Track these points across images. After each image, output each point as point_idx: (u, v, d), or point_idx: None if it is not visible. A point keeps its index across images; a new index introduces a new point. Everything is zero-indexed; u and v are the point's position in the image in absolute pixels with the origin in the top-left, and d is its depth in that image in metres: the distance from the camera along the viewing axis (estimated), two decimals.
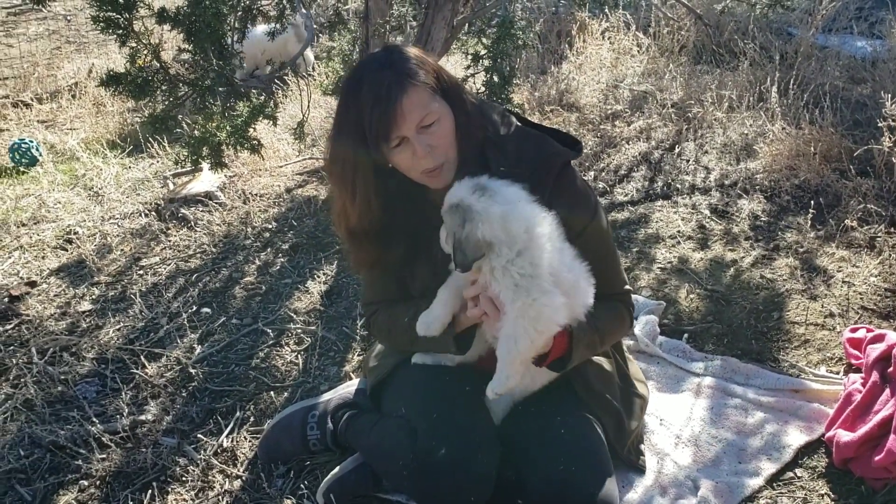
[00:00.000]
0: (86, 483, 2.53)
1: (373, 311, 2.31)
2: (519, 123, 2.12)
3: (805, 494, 2.28)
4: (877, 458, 2.19)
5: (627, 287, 2.20)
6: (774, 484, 2.33)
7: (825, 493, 2.27)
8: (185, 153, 3.41)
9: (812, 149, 3.93)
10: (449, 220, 1.91)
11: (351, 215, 2.06)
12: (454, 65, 5.29)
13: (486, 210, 1.86)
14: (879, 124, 3.55)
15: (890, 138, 3.55)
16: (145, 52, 3.29)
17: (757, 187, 3.92)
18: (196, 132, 3.52)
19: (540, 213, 1.93)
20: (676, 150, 4.42)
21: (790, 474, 2.36)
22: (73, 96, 6.35)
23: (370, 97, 1.88)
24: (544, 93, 5.24)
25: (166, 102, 3.43)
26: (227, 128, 3.23)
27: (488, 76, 3.65)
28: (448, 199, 1.93)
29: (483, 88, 3.72)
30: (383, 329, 2.28)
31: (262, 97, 3.55)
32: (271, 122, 3.66)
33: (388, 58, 1.93)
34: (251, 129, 3.49)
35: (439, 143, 1.94)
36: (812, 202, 3.56)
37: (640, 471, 2.38)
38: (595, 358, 2.25)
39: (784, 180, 3.90)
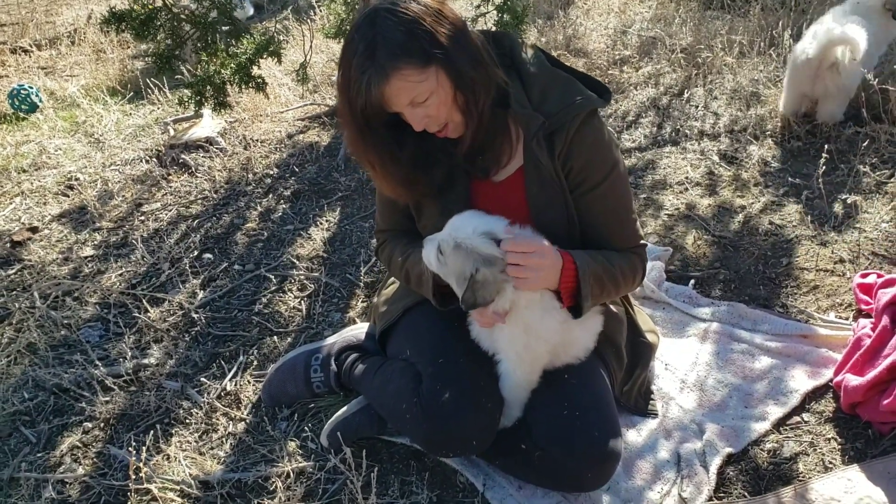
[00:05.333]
0: (90, 425, 2.53)
1: (382, 239, 2.30)
2: (549, 64, 2.02)
3: (812, 438, 2.27)
4: (885, 401, 2.18)
5: (643, 242, 2.14)
6: (781, 428, 2.32)
7: (832, 437, 2.26)
8: (189, 94, 3.34)
9: None
10: (455, 260, 1.87)
11: (380, 182, 2.05)
12: (464, 3, 5.18)
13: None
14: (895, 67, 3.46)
15: None
16: None
17: (767, 133, 3.85)
18: (199, 71, 3.45)
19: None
20: (685, 96, 4.34)
21: (797, 419, 2.35)
22: (73, 43, 6.26)
23: (354, 86, 1.79)
24: (551, 38, 5.13)
25: (168, 41, 3.35)
26: (232, 65, 3.16)
27: (500, 16, 3.55)
28: (453, 234, 1.89)
29: (494, 29, 3.63)
30: (386, 259, 2.28)
31: (267, 35, 3.46)
32: (276, 61, 3.58)
33: (372, 37, 1.77)
34: (255, 67, 3.41)
35: (436, 113, 1.86)
36: (824, 147, 3.50)
37: (650, 415, 2.38)
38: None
39: (795, 126, 3.82)
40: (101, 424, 2.53)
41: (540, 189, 2.00)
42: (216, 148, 4.23)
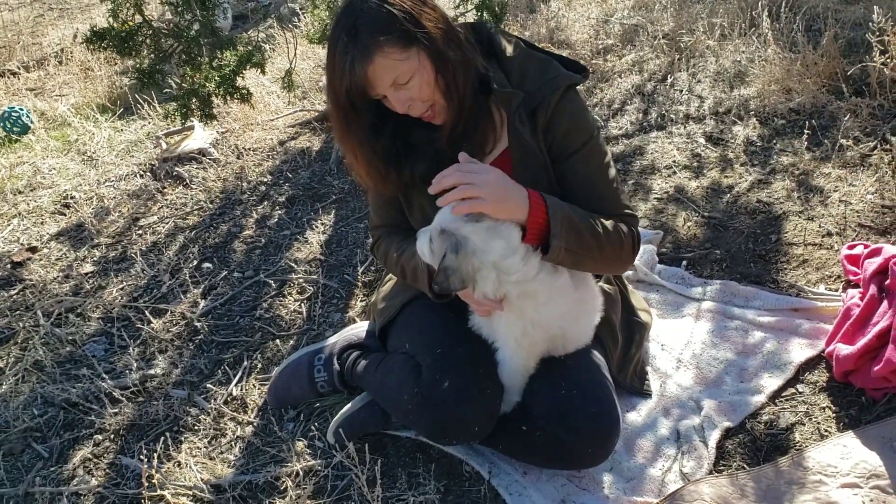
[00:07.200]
0: (100, 437, 2.58)
1: (377, 236, 2.34)
2: (525, 47, 2.11)
3: (807, 408, 2.32)
4: (876, 368, 2.22)
5: (629, 211, 2.12)
6: (776, 400, 2.37)
7: (826, 406, 2.31)
8: (175, 107, 3.38)
9: (806, 71, 3.89)
10: (439, 243, 1.92)
11: (358, 171, 2.11)
12: (444, 3, 5.21)
13: (482, 246, 1.89)
14: (871, 40, 3.50)
15: (882, 53, 3.51)
16: (127, 4, 3.24)
17: (751, 113, 3.89)
18: (184, 85, 3.50)
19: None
20: (669, 81, 4.38)
21: (792, 390, 2.40)
22: (60, 63, 6.30)
23: (339, 70, 1.86)
24: (534, 31, 5.18)
25: (151, 56, 3.39)
26: (216, 78, 3.20)
27: (479, 14, 3.59)
28: (439, 220, 1.93)
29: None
30: (382, 256, 2.32)
31: (250, 46, 3.50)
32: (259, 71, 3.62)
33: (353, 22, 1.83)
34: (239, 79, 3.45)
35: (419, 95, 1.91)
36: (807, 124, 3.54)
37: (646, 395, 2.42)
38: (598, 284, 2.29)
39: (778, 104, 3.87)
40: (112, 436, 2.58)
41: (525, 168, 2.05)
42: (209, 159, 4.27)
